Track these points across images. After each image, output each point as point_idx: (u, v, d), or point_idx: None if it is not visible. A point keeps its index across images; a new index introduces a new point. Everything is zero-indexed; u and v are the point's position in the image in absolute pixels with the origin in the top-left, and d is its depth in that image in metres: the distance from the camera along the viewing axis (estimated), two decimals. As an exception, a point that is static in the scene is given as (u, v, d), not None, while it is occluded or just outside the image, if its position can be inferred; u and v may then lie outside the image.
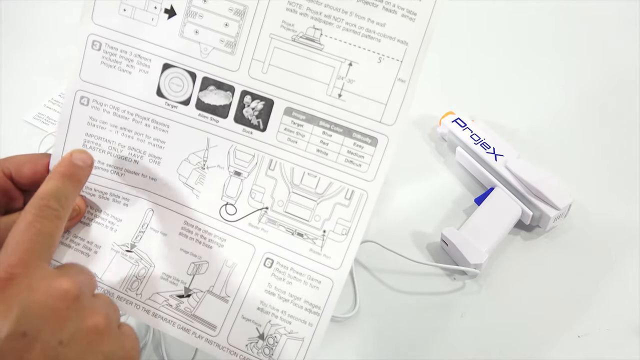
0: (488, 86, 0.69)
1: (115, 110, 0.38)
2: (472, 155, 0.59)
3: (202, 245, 0.37)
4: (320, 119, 0.36)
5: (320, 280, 0.36)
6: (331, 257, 0.36)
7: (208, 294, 0.37)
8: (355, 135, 0.35)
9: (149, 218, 0.38)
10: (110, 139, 0.38)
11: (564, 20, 0.75)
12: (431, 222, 0.57)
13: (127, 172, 0.38)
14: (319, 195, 0.36)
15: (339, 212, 0.36)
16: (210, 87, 0.36)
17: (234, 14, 0.36)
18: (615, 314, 0.51)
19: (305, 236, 0.36)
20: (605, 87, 0.68)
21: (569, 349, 0.49)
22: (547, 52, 0.72)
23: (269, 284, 0.36)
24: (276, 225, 0.37)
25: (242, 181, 0.37)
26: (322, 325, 0.35)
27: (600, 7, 0.76)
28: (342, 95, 0.35)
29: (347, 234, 0.36)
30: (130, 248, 0.38)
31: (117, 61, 0.37)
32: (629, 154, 0.61)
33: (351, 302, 0.52)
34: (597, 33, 0.74)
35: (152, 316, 0.37)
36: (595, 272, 0.53)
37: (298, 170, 0.36)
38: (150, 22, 0.36)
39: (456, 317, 0.51)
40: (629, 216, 0.57)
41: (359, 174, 0.36)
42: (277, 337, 0.36)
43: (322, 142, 0.36)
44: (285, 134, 0.36)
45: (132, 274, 0.37)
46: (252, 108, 0.36)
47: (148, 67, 0.37)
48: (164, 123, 0.37)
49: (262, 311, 0.36)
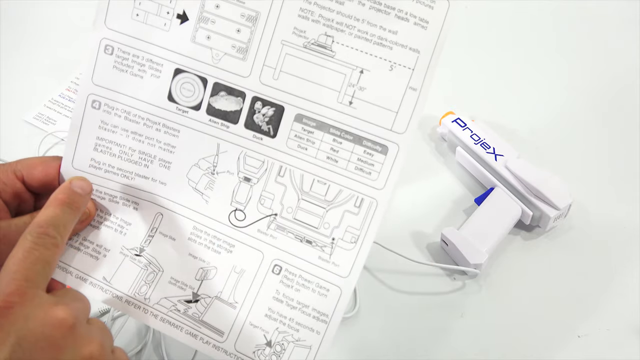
0: (488, 86, 0.69)
1: (127, 115, 0.38)
2: (472, 155, 0.59)
3: (210, 250, 0.37)
4: (330, 126, 0.35)
5: (328, 288, 0.36)
6: (340, 265, 0.36)
7: (216, 299, 0.37)
8: (366, 143, 0.35)
9: (158, 222, 0.38)
10: (121, 142, 0.38)
11: (564, 21, 0.75)
12: (431, 222, 0.57)
13: (137, 176, 0.38)
14: (328, 202, 0.36)
15: (348, 220, 0.36)
16: (221, 93, 0.36)
17: (246, 20, 0.35)
18: (615, 314, 0.51)
19: (314, 243, 0.36)
20: (605, 87, 0.68)
21: (569, 349, 0.49)
22: (548, 52, 0.72)
23: (277, 290, 0.36)
24: (285, 232, 0.37)
25: (251, 187, 0.37)
26: (330, 334, 0.35)
27: (600, 7, 0.76)
28: (353, 103, 0.35)
29: (356, 242, 0.36)
30: (139, 252, 0.38)
31: (129, 65, 0.37)
32: (629, 154, 0.61)
33: (351, 302, 0.52)
34: (597, 33, 0.74)
35: (160, 321, 0.37)
36: (595, 272, 0.53)
37: (308, 177, 0.36)
38: (163, 27, 0.36)
39: (456, 317, 0.51)
40: (629, 216, 0.57)
41: (369, 182, 0.35)
42: (284, 344, 0.36)
43: (332, 149, 0.35)
44: (295, 141, 0.36)
45: (141, 278, 0.37)
46: (263, 114, 0.36)
47: (160, 71, 0.37)
48: (174, 128, 0.37)
49: (270, 318, 0.36)
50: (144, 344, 0.49)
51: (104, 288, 0.38)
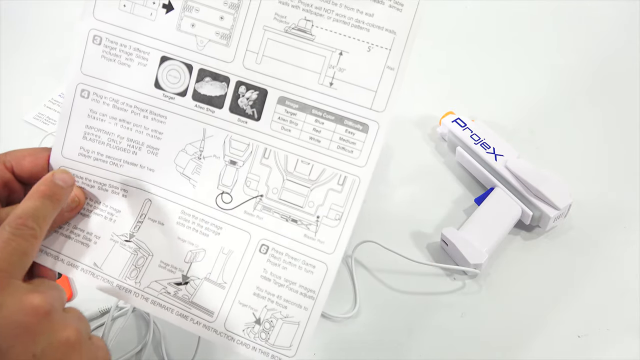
0: (488, 86, 0.69)
1: (115, 103, 0.38)
2: (472, 155, 0.59)
3: (199, 233, 0.38)
4: (312, 107, 0.37)
5: (314, 265, 0.37)
6: (325, 242, 0.37)
7: (205, 281, 0.38)
8: (347, 123, 0.36)
9: (147, 208, 0.39)
10: (110, 130, 0.39)
11: (565, 21, 0.75)
12: (431, 222, 0.57)
13: (125, 163, 0.39)
14: (312, 182, 0.37)
15: (332, 198, 0.37)
16: (206, 79, 0.37)
17: (229, 7, 0.37)
18: (615, 314, 0.51)
19: (300, 222, 0.37)
20: (605, 88, 0.68)
21: (569, 349, 0.49)
22: (548, 52, 0.72)
23: (265, 269, 0.37)
24: (271, 212, 0.38)
25: (237, 170, 0.38)
26: (317, 309, 0.36)
27: (601, 7, 0.76)
28: (334, 84, 0.36)
29: (340, 219, 0.37)
30: (129, 238, 0.38)
31: (117, 55, 0.38)
32: (629, 154, 0.62)
33: (351, 302, 0.52)
34: (598, 33, 0.74)
35: (150, 304, 0.38)
36: (596, 272, 0.53)
37: (292, 158, 0.37)
38: (149, 16, 0.38)
39: (456, 317, 0.51)
40: (629, 216, 0.57)
41: (351, 160, 0.37)
42: (273, 321, 0.37)
43: (315, 129, 0.37)
44: (279, 123, 0.37)
45: (131, 262, 0.38)
46: (247, 98, 0.37)
47: (147, 60, 0.38)
48: (161, 114, 0.38)
49: (259, 296, 0.37)
50: (144, 344, 0.50)
51: (94, 274, 0.38)
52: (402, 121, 0.66)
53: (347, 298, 0.52)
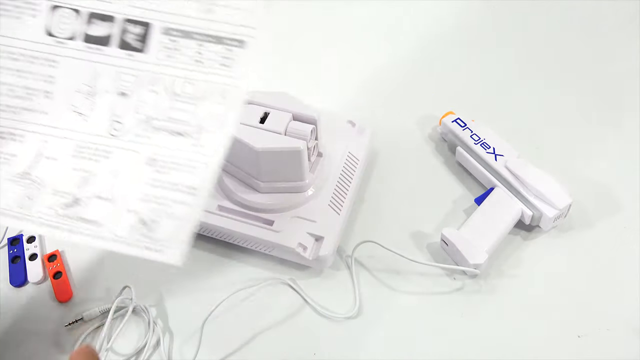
0: (488, 86, 0.69)
1: (10, 54, 0.41)
2: (472, 155, 0.59)
3: (92, 161, 0.41)
4: (194, 32, 0.40)
5: (196, 166, 0.39)
6: (205, 145, 0.40)
7: (95, 198, 0.40)
8: (225, 41, 0.40)
9: (43, 149, 0.41)
10: (7, 81, 0.41)
11: (565, 21, 0.75)
12: (431, 222, 0.57)
13: (22, 109, 0.41)
14: (197, 98, 0.40)
15: (214, 109, 0.40)
16: (95, 20, 0.41)
17: None
18: (615, 314, 0.51)
19: (186, 134, 0.40)
20: (605, 88, 0.68)
21: (569, 349, 0.49)
22: (548, 52, 0.72)
23: (153, 179, 0.40)
24: (159, 131, 0.40)
25: (127, 100, 0.41)
26: (198, 204, 0.38)
27: (600, 7, 0.76)
28: (212, 10, 0.40)
29: (221, 126, 0.40)
30: (24, 176, 0.41)
31: (6, 10, 0.41)
32: (629, 154, 0.62)
33: (351, 302, 0.52)
34: (598, 33, 0.74)
35: (37, 225, 0.40)
36: (595, 272, 0.53)
37: (178, 81, 0.40)
38: None
39: (456, 317, 0.51)
40: (629, 216, 0.57)
41: (232, 74, 0.40)
42: (158, 220, 0.39)
43: (198, 52, 0.40)
44: (164, 52, 0.41)
45: (24, 195, 0.40)
46: (133, 33, 0.41)
47: (36, 10, 0.41)
48: (54, 60, 0.41)
49: (144, 201, 0.39)
50: (144, 344, 0.50)
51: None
52: (402, 121, 0.66)
53: (347, 298, 0.52)
